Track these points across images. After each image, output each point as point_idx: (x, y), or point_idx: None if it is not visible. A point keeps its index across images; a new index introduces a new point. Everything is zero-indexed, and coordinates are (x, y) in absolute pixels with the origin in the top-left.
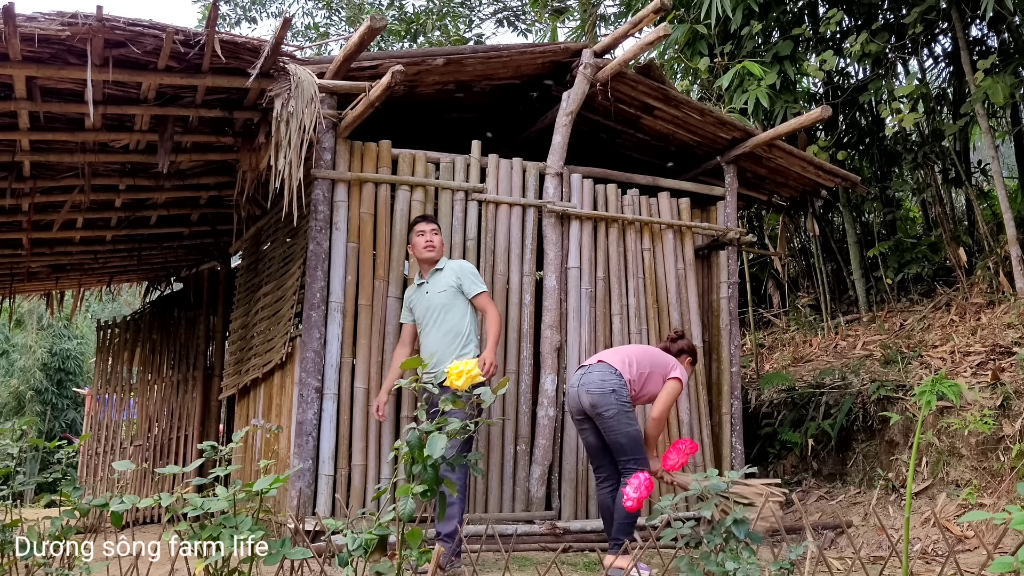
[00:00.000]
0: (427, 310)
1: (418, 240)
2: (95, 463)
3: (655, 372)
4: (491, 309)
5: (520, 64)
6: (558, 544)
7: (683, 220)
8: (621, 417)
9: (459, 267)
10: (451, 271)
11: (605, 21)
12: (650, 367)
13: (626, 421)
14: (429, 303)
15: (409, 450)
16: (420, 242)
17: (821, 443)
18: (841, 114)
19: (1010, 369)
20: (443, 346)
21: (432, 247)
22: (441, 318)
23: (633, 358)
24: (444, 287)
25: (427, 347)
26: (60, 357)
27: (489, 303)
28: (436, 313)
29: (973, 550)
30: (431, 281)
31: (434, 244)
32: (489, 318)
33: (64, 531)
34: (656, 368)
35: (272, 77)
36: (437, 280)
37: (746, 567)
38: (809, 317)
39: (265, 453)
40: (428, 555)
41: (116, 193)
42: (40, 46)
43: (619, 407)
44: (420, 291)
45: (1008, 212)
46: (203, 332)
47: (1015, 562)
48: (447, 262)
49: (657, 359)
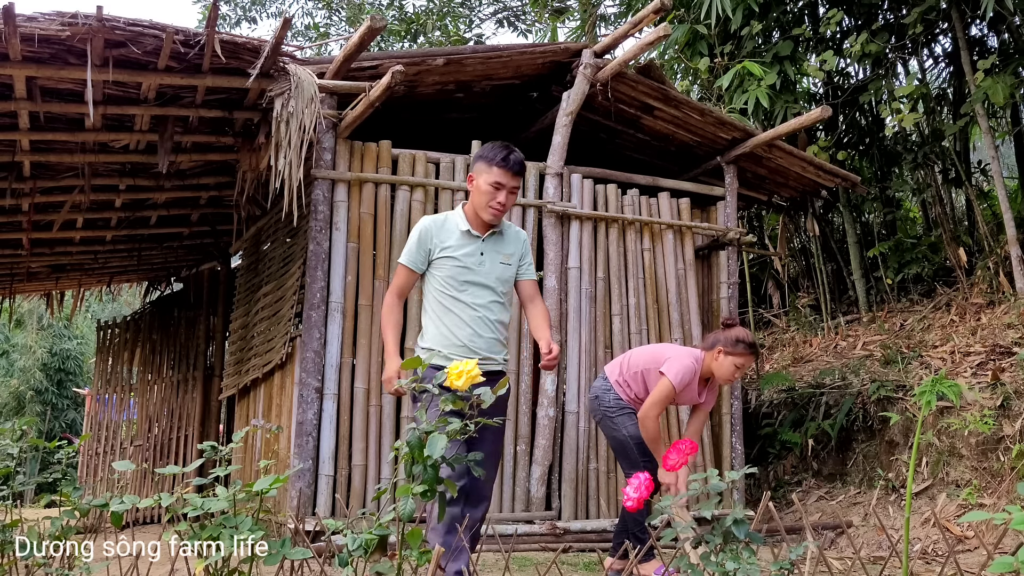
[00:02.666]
0: (477, 275)
1: (488, 192)
2: (95, 463)
3: (651, 369)
4: (541, 298)
5: (520, 64)
6: (558, 544)
7: (683, 220)
8: (606, 422)
9: (524, 238)
10: (515, 238)
11: (605, 21)
12: (644, 365)
13: (611, 426)
14: (484, 268)
15: (409, 450)
16: (488, 199)
17: (821, 443)
18: (841, 114)
19: (1010, 369)
20: (493, 333)
21: (501, 213)
22: (496, 296)
23: (630, 357)
24: (508, 257)
25: (468, 327)
26: (60, 357)
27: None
28: (495, 285)
29: (973, 550)
30: (489, 241)
31: (505, 209)
32: (543, 308)
33: (64, 531)
34: (652, 365)
35: (272, 77)
36: (498, 244)
37: (746, 567)
38: (809, 317)
39: (265, 453)
40: (428, 555)
41: (116, 193)
42: (40, 46)
43: (602, 413)
44: (470, 242)
45: (1008, 212)
46: (203, 332)
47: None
48: (505, 224)
49: (657, 355)
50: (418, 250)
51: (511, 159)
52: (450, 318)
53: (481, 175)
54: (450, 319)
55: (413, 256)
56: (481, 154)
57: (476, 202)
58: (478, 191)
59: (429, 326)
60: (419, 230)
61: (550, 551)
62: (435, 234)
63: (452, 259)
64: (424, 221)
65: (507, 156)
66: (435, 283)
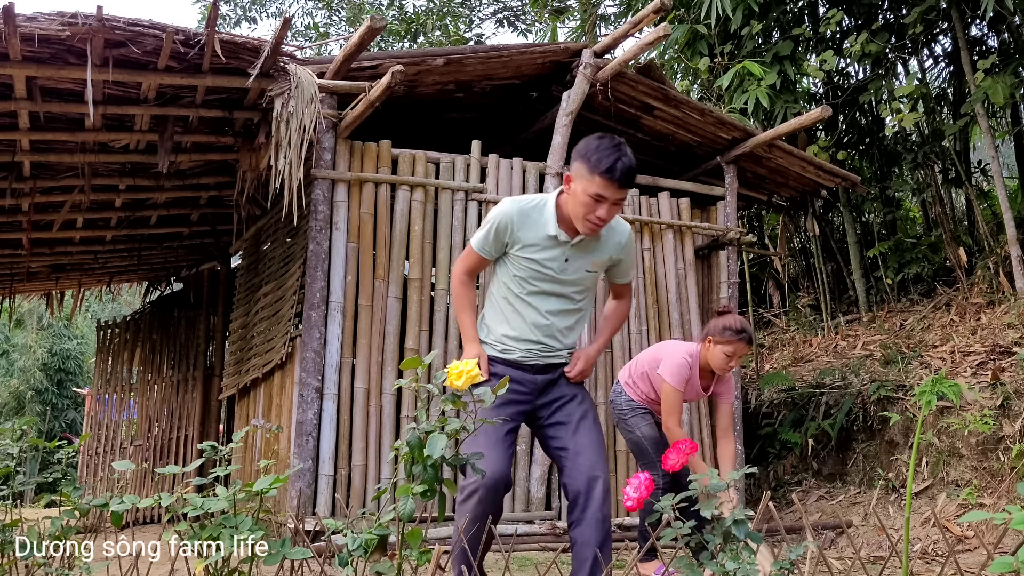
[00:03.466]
0: (554, 284)
1: (587, 203)
2: (95, 463)
3: (652, 371)
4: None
5: (520, 64)
6: (558, 544)
7: (683, 220)
8: (621, 425)
9: (625, 241)
10: (613, 243)
11: (605, 21)
12: (647, 365)
13: (626, 428)
14: (566, 276)
15: (409, 450)
16: (586, 211)
17: (821, 443)
18: (841, 114)
19: (1010, 369)
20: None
21: (600, 227)
22: (571, 304)
23: (637, 359)
24: (597, 264)
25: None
26: (60, 357)
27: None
28: (573, 294)
29: (973, 550)
30: (580, 246)
31: (605, 223)
32: (624, 310)
33: (64, 531)
34: (652, 366)
35: (272, 77)
36: (590, 248)
37: (746, 567)
38: (809, 317)
39: (265, 453)
40: (428, 555)
41: (116, 193)
42: (40, 46)
43: (617, 415)
44: (556, 246)
45: (1008, 212)
46: (203, 332)
47: (1015, 562)
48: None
49: (655, 355)
50: (494, 240)
51: (618, 169)
52: (516, 320)
53: (580, 180)
54: (516, 321)
55: (486, 245)
56: (583, 153)
57: (572, 208)
58: (575, 197)
59: (492, 320)
60: (498, 218)
61: (550, 551)
62: (517, 227)
63: (531, 260)
64: (506, 207)
65: (613, 165)
66: (506, 276)
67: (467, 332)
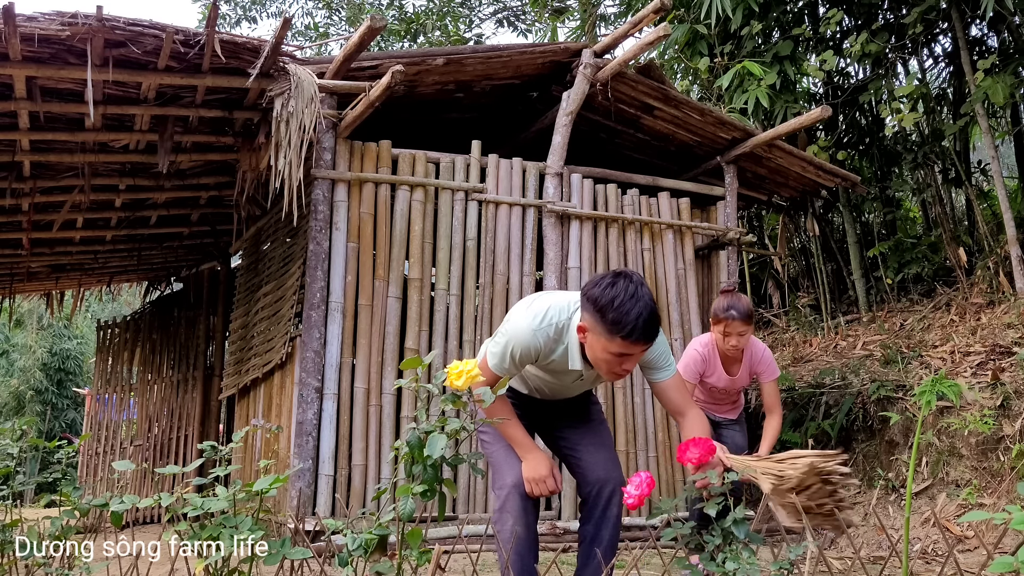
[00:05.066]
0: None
1: (608, 359)
2: (95, 463)
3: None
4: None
5: (520, 64)
6: (558, 544)
7: (683, 220)
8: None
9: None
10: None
11: (605, 21)
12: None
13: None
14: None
15: (409, 450)
16: (609, 366)
17: (821, 443)
18: (841, 114)
19: (1010, 369)
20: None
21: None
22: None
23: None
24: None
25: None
26: (60, 357)
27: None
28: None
29: (973, 550)
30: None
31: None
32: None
33: (64, 531)
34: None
35: (272, 77)
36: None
37: (746, 567)
38: (809, 317)
39: (265, 453)
40: (428, 555)
41: (116, 193)
42: (40, 46)
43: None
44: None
45: (1008, 212)
46: (203, 332)
47: (1015, 562)
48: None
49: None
50: (510, 365)
51: (640, 328)
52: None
53: (598, 337)
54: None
55: (505, 367)
56: (598, 306)
57: (593, 358)
58: (595, 351)
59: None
60: (517, 347)
61: (550, 551)
62: (541, 356)
63: (548, 371)
64: (526, 338)
65: (635, 326)
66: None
67: (522, 440)
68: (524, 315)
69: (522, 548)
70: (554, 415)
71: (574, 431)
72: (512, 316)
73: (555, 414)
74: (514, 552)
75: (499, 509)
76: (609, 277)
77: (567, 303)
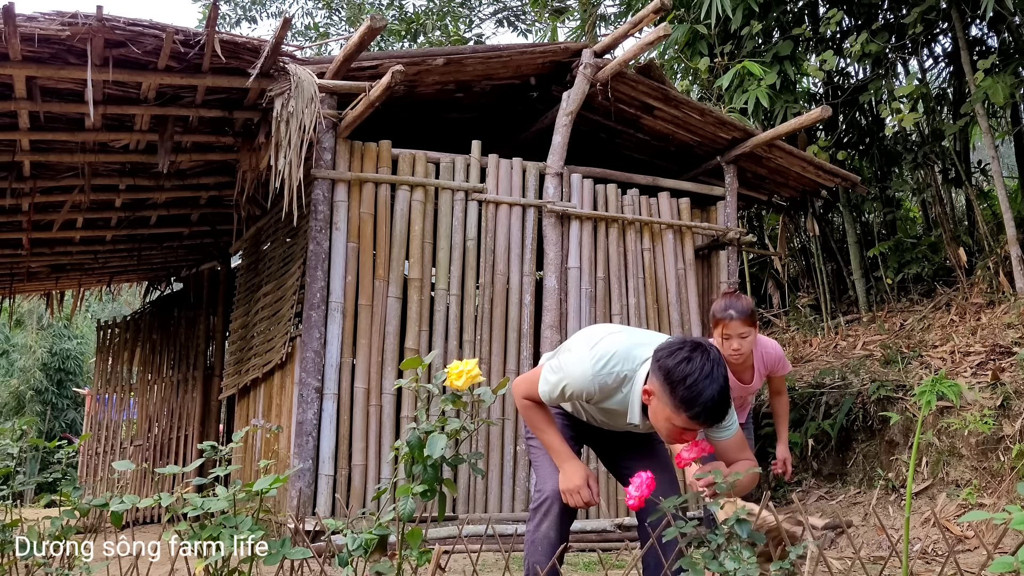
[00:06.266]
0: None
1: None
2: (95, 463)
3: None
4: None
5: (520, 64)
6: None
7: (683, 220)
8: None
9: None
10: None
11: (605, 21)
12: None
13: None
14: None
15: (409, 450)
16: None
17: (821, 443)
18: (841, 114)
19: (1010, 369)
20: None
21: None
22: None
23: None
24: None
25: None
26: (60, 357)
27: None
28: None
29: (973, 550)
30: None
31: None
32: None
33: (64, 531)
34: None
35: (272, 77)
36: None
37: (746, 567)
38: (809, 317)
39: (265, 453)
40: (428, 555)
41: (116, 193)
42: (40, 46)
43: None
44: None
45: (1008, 212)
46: (203, 332)
47: (1015, 562)
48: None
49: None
50: (564, 399)
51: (709, 411)
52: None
53: (664, 407)
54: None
55: (554, 398)
56: (669, 377)
57: (655, 421)
58: (658, 419)
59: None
60: (573, 389)
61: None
62: (595, 399)
63: (601, 410)
64: (587, 383)
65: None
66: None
67: (558, 450)
68: (585, 356)
69: (550, 552)
70: (609, 438)
71: (630, 453)
72: (573, 348)
73: (611, 437)
74: (543, 555)
75: (535, 510)
76: (686, 351)
77: (634, 354)
